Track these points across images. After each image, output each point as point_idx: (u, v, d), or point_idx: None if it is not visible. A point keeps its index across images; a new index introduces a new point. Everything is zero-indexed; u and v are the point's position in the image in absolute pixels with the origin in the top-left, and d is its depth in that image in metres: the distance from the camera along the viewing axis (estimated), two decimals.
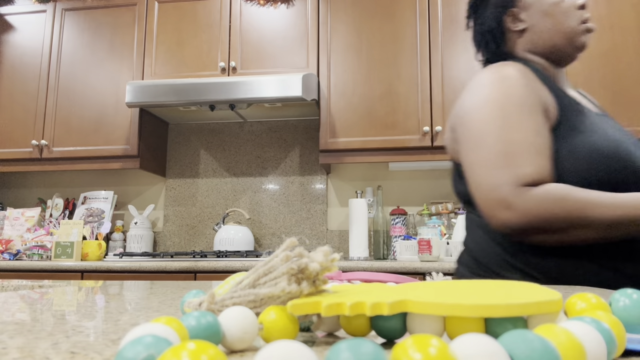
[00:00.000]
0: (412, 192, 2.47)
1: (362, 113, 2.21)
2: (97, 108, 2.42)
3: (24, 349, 0.23)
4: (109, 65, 2.45)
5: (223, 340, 0.23)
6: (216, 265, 1.91)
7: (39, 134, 2.43)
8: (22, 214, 2.42)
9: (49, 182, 2.76)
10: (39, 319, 0.34)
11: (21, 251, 2.24)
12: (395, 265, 1.85)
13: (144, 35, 2.44)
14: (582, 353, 0.18)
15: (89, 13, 2.52)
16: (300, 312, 0.24)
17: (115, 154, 2.36)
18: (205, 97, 2.17)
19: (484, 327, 0.23)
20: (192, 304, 0.27)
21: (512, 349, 0.16)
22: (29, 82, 2.50)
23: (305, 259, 0.25)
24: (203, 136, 2.64)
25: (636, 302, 0.25)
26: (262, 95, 2.14)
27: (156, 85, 2.21)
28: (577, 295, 0.26)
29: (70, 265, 2.00)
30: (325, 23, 2.30)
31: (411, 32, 2.24)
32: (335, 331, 0.28)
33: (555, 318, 0.23)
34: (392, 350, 0.16)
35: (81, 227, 2.21)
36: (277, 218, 2.51)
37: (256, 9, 2.37)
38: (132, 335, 0.19)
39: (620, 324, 0.21)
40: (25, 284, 0.80)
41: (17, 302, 0.47)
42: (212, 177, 2.61)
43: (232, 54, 2.34)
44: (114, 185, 2.70)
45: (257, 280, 0.26)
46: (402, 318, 0.25)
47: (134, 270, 1.95)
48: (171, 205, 2.61)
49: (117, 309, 0.40)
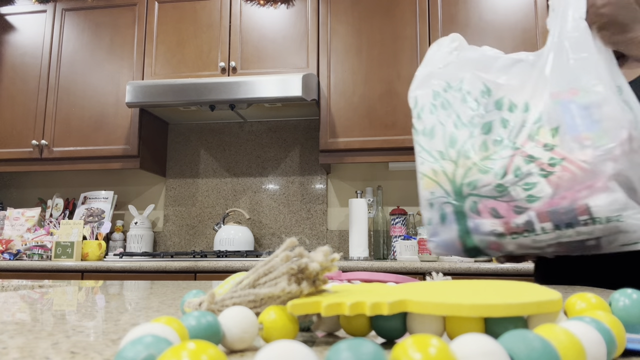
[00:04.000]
0: (412, 192, 2.47)
1: (362, 113, 2.21)
2: (97, 108, 2.42)
3: (24, 349, 0.23)
4: (109, 65, 2.45)
5: (223, 340, 0.23)
6: (216, 265, 1.91)
7: (39, 133, 2.43)
8: (22, 214, 2.42)
9: (49, 182, 2.76)
10: (39, 319, 0.34)
11: (21, 251, 2.24)
12: (395, 265, 1.85)
13: (144, 35, 2.44)
14: (582, 353, 0.18)
15: (89, 13, 2.52)
16: (300, 312, 0.24)
17: (115, 154, 2.36)
18: (205, 97, 2.17)
19: (484, 327, 0.23)
20: (192, 304, 0.27)
21: (512, 349, 0.16)
22: (29, 82, 2.50)
23: (305, 259, 0.25)
24: (203, 136, 2.64)
25: (636, 302, 0.25)
26: (262, 95, 2.14)
27: (156, 85, 2.21)
28: (577, 295, 0.26)
29: (70, 265, 2.00)
30: (325, 23, 2.30)
31: (411, 32, 2.24)
32: (335, 331, 0.28)
33: (555, 318, 0.23)
34: (392, 350, 0.16)
35: (81, 227, 2.21)
36: (277, 218, 2.51)
37: (256, 9, 2.38)
38: (132, 335, 0.19)
39: (620, 324, 0.21)
40: (26, 284, 0.80)
41: (17, 302, 0.47)
42: (212, 177, 2.61)
43: (232, 54, 2.34)
44: (114, 185, 2.70)
45: (257, 280, 0.26)
46: (402, 318, 0.25)
47: (134, 270, 1.95)
48: (171, 205, 2.61)
49: (117, 309, 0.40)
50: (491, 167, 0.63)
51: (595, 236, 0.59)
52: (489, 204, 0.62)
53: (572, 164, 0.58)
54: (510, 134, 0.64)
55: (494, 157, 0.63)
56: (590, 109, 0.58)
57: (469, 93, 0.69)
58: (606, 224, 0.57)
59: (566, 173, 0.58)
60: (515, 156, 0.61)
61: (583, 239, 0.59)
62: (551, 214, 0.59)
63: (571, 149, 0.58)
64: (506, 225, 0.61)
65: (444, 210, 0.66)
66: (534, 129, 0.62)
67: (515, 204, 0.61)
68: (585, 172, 0.57)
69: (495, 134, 0.65)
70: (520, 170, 0.61)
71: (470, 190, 0.63)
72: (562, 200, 0.58)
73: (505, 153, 0.63)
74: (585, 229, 0.58)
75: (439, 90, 0.71)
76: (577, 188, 0.57)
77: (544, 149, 0.60)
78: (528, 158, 0.61)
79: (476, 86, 0.68)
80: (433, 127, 0.69)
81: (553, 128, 0.60)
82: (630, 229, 0.57)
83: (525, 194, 0.60)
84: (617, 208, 0.57)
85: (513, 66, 0.67)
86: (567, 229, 0.58)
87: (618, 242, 0.59)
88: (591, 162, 0.57)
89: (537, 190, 0.59)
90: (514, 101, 0.65)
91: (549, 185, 0.59)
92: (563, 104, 0.60)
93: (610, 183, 0.56)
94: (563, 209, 0.58)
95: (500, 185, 0.61)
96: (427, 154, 0.68)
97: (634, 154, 0.57)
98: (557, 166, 0.59)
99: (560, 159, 0.59)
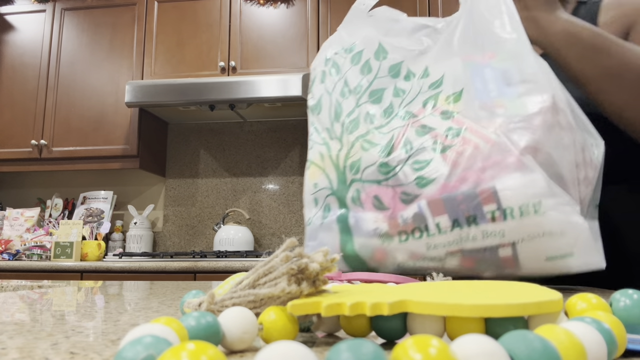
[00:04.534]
0: None
1: None
2: (96, 108, 2.42)
3: (24, 349, 0.23)
4: (108, 65, 2.45)
5: (223, 340, 0.23)
6: (216, 265, 1.91)
7: (38, 133, 2.43)
8: (22, 214, 2.42)
9: (49, 182, 2.76)
10: (39, 320, 0.34)
11: (20, 251, 2.24)
12: None
13: (144, 35, 2.43)
14: (582, 353, 0.18)
15: (89, 13, 2.51)
16: (300, 312, 0.24)
17: (114, 154, 2.36)
18: (205, 97, 2.17)
19: (484, 327, 0.23)
20: (192, 304, 0.27)
21: (513, 350, 0.16)
22: (28, 82, 2.50)
23: (305, 259, 0.25)
24: (203, 136, 2.64)
25: (637, 302, 0.25)
26: (262, 95, 2.14)
27: (156, 85, 2.21)
28: (577, 296, 0.26)
29: (69, 266, 2.00)
30: (325, 23, 2.30)
31: None
32: (335, 331, 0.28)
33: (556, 318, 0.22)
34: (393, 350, 0.16)
35: (80, 227, 2.21)
36: (277, 218, 2.51)
37: (256, 8, 2.37)
38: (132, 336, 0.19)
39: (621, 324, 0.21)
40: (25, 284, 0.80)
41: (17, 303, 0.47)
42: (212, 177, 2.61)
43: (232, 54, 2.34)
44: (113, 185, 2.69)
45: (257, 280, 0.26)
46: (403, 318, 0.25)
47: (133, 270, 1.95)
48: (171, 205, 2.61)
49: (116, 310, 0.40)
50: (377, 143, 0.48)
51: (509, 241, 0.43)
52: (372, 190, 0.47)
53: (475, 134, 0.43)
54: (402, 102, 0.50)
55: (382, 131, 0.49)
56: (508, 72, 0.45)
57: (359, 53, 0.54)
58: (520, 218, 0.41)
59: (467, 147, 0.43)
60: (407, 127, 0.47)
61: (493, 246, 0.44)
62: (447, 203, 0.43)
63: (478, 117, 0.44)
64: (392, 220, 0.46)
65: (327, 205, 0.51)
66: (431, 94, 0.48)
67: (402, 190, 0.46)
68: (493, 144, 0.42)
69: (386, 103, 0.51)
70: (410, 145, 0.46)
71: (353, 175, 0.49)
72: (461, 182, 0.43)
73: (394, 124, 0.49)
74: (492, 227, 0.42)
75: (330, 55, 0.57)
76: (481, 165, 0.42)
77: (441, 117, 0.46)
78: (421, 129, 0.46)
79: (370, 46, 0.54)
80: (320, 99, 0.55)
81: (456, 92, 0.46)
82: (555, 227, 0.41)
83: (414, 175, 0.45)
84: (534, 192, 0.40)
85: (417, 31, 0.54)
86: (469, 227, 0.43)
87: (542, 252, 0.43)
88: (501, 133, 0.43)
89: (430, 170, 0.44)
90: (412, 69, 0.51)
91: (444, 163, 0.44)
92: (476, 68, 0.46)
93: (525, 158, 0.41)
94: (462, 195, 0.43)
95: (384, 164, 0.47)
96: (316, 135, 0.54)
97: (560, 131, 0.42)
98: (456, 138, 0.44)
99: (461, 129, 0.44)
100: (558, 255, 0.43)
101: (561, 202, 0.40)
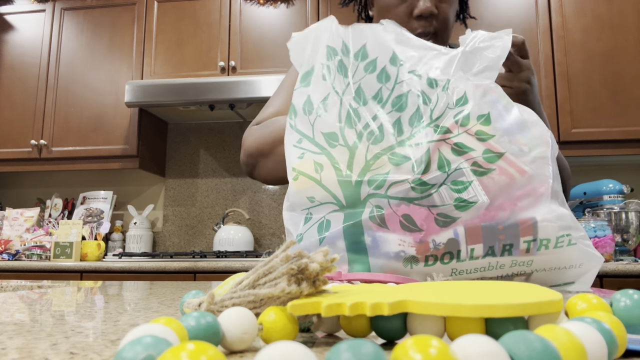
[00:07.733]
0: None
1: None
2: (96, 108, 2.42)
3: (23, 349, 0.23)
4: (108, 65, 2.45)
5: (223, 340, 0.23)
6: (216, 265, 1.91)
7: (38, 133, 2.43)
8: (21, 214, 2.42)
9: (48, 182, 2.76)
10: (38, 320, 0.34)
11: (20, 251, 2.24)
12: None
13: (144, 34, 2.43)
14: (583, 354, 0.18)
15: (88, 12, 2.51)
16: (300, 312, 0.24)
17: (114, 154, 2.36)
18: (205, 97, 2.17)
19: (484, 327, 0.23)
20: (192, 304, 0.27)
21: (513, 350, 0.16)
22: (28, 82, 2.50)
23: (305, 260, 0.25)
24: (202, 136, 2.64)
25: (637, 303, 0.25)
26: (262, 94, 2.14)
27: (155, 85, 2.21)
28: (578, 296, 0.26)
29: (69, 266, 2.00)
30: None
31: None
32: (335, 332, 0.28)
33: (556, 318, 0.22)
34: (393, 351, 0.16)
35: (80, 227, 2.21)
36: (277, 218, 2.51)
37: (256, 8, 2.37)
38: (132, 336, 0.19)
39: (621, 325, 0.21)
40: (24, 284, 0.80)
41: (16, 303, 0.47)
42: (212, 177, 2.61)
43: (232, 54, 2.34)
44: (113, 185, 2.69)
45: (257, 280, 0.26)
46: (403, 318, 0.25)
47: (133, 270, 1.95)
48: (170, 205, 2.61)
49: (116, 310, 0.40)
50: (408, 157, 0.44)
51: (532, 270, 0.43)
52: (401, 209, 0.43)
53: (511, 165, 0.42)
54: (432, 112, 0.45)
55: (411, 143, 0.44)
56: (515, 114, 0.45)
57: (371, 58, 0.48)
58: (554, 249, 0.41)
59: (505, 174, 0.42)
60: (441, 143, 0.44)
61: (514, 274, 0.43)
62: (485, 231, 0.42)
63: (511, 150, 0.43)
64: (422, 244, 0.43)
65: (327, 222, 0.46)
66: (460, 110, 0.44)
67: (438, 211, 0.43)
68: (525, 176, 0.42)
69: (411, 109, 0.46)
70: (449, 165, 0.43)
71: (372, 190, 0.44)
72: (499, 210, 0.42)
73: (424, 136, 0.44)
74: (523, 258, 0.42)
75: (334, 46, 0.50)
76: (517, 195, 0.42)
77: (476, 139, 0.43)
78: (456, 147, 0.43)
79: (383, 52, 0.49)
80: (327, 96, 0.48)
81: (484, 115, 0.44)
82: (577, 260, 0.42)
83: (453, 196, 0.42)
84: (565, 225, 0.41)
85: (428, 50, 0.49)
86: (502, 256, 0.42)
87: (551, 281, 0.44)
88: (535, 167, 0.43)
89: (470, 194, 0.42)
90: (433, 77, 0.47)
91: (483, 188, 0.42)
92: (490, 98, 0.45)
93: (556, 185, 0.43)
94: (503, 225, 0.42)
95: (421, 182, 0.43)
96: (308, 142, 0.47)
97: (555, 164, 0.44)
98: (494, 164, 0.43)
99: (498, 155, 0.43)
100: (562, 284, 0.44)
101: (583, 236, 0.42)
